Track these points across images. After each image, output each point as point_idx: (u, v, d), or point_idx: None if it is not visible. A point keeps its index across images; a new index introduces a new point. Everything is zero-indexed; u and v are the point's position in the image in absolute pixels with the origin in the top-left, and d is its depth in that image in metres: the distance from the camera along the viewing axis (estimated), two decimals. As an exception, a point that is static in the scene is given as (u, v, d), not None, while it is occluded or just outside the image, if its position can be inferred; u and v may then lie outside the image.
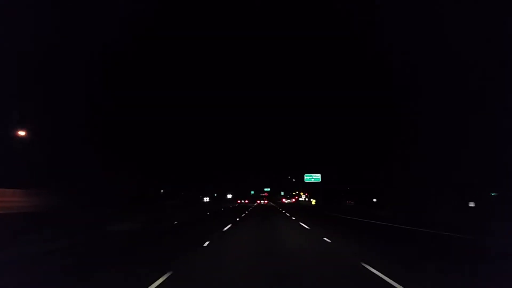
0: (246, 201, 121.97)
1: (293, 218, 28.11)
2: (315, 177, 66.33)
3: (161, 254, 10.66)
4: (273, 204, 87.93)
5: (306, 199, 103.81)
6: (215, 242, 12.95)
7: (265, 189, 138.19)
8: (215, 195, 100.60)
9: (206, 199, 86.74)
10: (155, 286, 6.64)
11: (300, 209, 51.73)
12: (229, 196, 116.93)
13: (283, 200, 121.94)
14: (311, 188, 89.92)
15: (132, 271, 8.09)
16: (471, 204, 26.40)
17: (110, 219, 19.76)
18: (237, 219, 27.15)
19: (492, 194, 26.29)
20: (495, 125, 23.81)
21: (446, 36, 27.46)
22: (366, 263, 8.44)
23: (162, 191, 56.79)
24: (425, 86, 31.52)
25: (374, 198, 51.88)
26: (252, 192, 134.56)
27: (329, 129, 72.88)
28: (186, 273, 7.89)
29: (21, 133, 20.19)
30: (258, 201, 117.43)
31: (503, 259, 9.48)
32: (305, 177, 66.96)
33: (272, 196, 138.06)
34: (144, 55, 51.25)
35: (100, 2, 30.05)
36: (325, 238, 13.53)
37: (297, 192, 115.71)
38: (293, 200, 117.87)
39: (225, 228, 18.31)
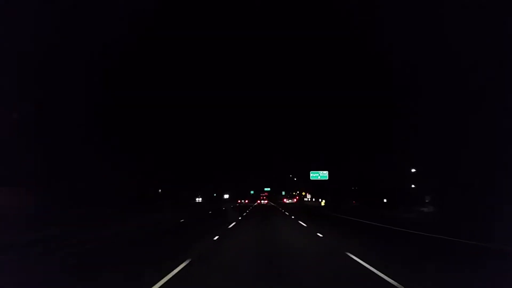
0: (246, 201, 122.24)
1: (320, 235, 15.57)
2: (322, 175, 60.43)
3: None
4: (274, 204, 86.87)
5: (313, 199, 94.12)
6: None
7: (265, 189, 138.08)
8: (215, 195, 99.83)
9: (199, 199, 77.68)
10: None
11: (312, 212, 40.53)
12: (226, 196, 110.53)
13: (285, 200, 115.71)
14: (314, 187, 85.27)
15: None
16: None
17: None
18: (215, 237, 14.57)
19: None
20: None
21: (446, 36, 27.55)
22: None
23: (160, 190, 56.57)
24: (425, 86, 31.63)
25: (384, 198, 48.58)
26: (252, 192, 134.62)
27: (333, 126, 71.07)
28: None
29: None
30: (258, 201, 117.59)
31: None
32: (311, 175, 60.66)
33: (272, 196, 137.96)
34: (144, 55, 51.42)
35: (100, 2, 30.19)
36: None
37: (297, 192, 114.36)
38: (295, 200, 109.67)
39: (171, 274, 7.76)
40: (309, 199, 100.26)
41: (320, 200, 72.69)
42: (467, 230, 15.98)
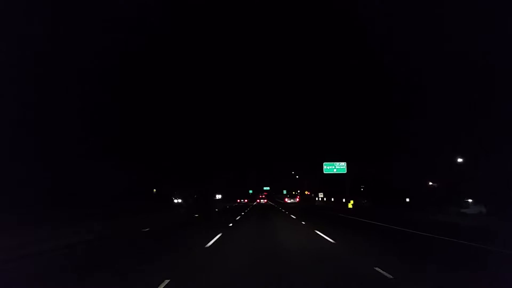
0: (245, 200, 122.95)
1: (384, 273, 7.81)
2: (339, 167, 49.20)
3: None
4: (273, 204, 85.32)
5: (332, 199, 74.51)
6: None
7: (264, 188, 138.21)
8: (215, 195, 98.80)
9: (178, 200, 63.57)
10: None
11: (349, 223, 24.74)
12: (219, 196, 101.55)
13: (286, 199, 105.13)
14: (323, 184, 74.49)
15: None
16: None
17: None
18: None
19: None
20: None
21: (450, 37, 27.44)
22: None
23: (154, 190, 56.25)
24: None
25: (399, 196, 43.56)
26: (251, 192, 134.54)
27: (339, 118, 68.34)
28: None
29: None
30: (258, 200, 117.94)
31: None
32: (324, 167, 49.41)
33: (272, 196, 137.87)
34: (143, 55, 51.55)
35: (105, 8, 30.89)
36: None
37: (298, 191, 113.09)
38: (297, 199, 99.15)
39: None
40: (322, 199, 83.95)
41: (344, 200, 54.96)
42: None
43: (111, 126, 39.18)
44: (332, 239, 13.84)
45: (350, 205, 47.71)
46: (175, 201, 62.47)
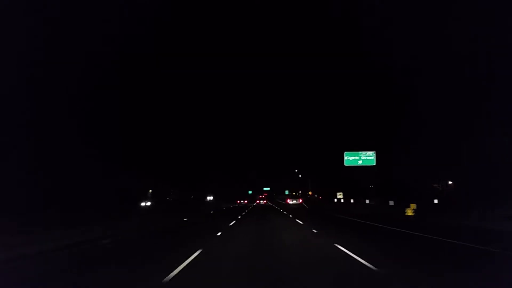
0: (245, 201, 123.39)
1: None
2: (366, 158, 40.97)
3: None
4: (277, 207, 79.67)
5: (363, 201, 51.03)
6: None
7: (264, 189, 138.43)
8: (213, 197, 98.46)
9: (147, 203, 52.99)
10: None
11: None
12: (210, 198, 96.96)
13: (288, 200, 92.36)
14: (334, 184, 66.27)
15: None
16: None
17: None
18: None
19: None
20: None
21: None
22: None
23: (150, 191, 56.60)
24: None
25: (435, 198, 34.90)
26: (250, 192, 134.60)
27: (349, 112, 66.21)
28: None
29: None
30: (258, 201, 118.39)
31: None
32: (346, 158, 41.48)
33: (273, 196, 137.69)
34: (141, 55, 52.05)
35: (105, 8, 31.44)
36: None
37: (300, 192, 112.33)
38: (300, 201, 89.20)
39: None
40: (341, 200, 64.92)
41: (392, 203, 37.36)
42: None
43: (109, 127, 39.63)
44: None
45: (410, 212, 31.50)
46: (143, 204, 51.83)
